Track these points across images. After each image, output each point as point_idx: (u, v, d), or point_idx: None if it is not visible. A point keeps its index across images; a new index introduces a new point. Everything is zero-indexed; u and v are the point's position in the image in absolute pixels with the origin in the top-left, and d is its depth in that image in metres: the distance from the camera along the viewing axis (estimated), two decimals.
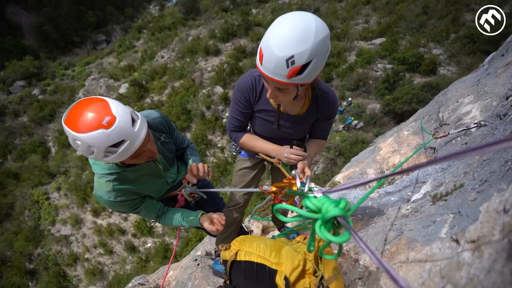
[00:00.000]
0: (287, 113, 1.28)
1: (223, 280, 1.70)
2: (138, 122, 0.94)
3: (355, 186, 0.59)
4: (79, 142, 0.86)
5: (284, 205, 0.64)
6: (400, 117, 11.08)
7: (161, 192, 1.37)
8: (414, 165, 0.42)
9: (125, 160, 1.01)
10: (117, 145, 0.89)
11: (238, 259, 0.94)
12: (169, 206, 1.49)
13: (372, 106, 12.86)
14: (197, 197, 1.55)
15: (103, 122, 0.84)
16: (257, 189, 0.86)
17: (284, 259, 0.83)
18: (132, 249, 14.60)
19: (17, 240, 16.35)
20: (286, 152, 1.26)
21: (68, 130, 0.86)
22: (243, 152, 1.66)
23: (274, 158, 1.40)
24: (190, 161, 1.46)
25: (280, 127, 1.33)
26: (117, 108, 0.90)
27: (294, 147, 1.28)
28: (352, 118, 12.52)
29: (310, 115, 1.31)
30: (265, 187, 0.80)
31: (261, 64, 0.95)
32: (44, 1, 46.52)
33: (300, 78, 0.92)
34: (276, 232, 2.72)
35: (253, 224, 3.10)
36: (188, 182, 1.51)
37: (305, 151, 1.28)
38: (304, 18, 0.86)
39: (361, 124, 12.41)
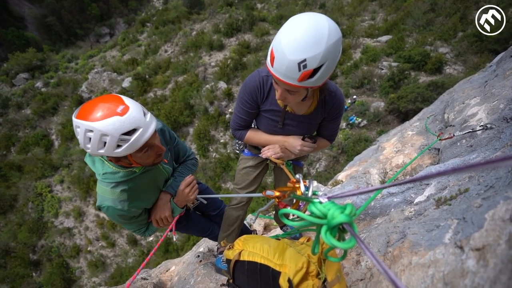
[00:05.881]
0: (294, 113, 1.29)
1: (225, 277, 1.72)
2: (149, 114, 0.99)
3: (361, 193, 0.59)
4: (91, 134, 0.86)
5: (289, 210, 0.64)
6: (404, 116, 11.00)
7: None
8: (425, 175, 0.42)
9: (135, 157, 1.00)
10: (130, 133, 0.90)
11: (241, 259, 0.95)
12: None
13: (376, 104, 12.76)
14: (196, 203, 1.56)
15: (118, 110, 0.87)
16: (260, 194, 0.86)
17: (288, 260, 0.84)
18: (134, 242, 14.79)
19: (21, 231, 16.63)
20: (300, 145, 1.30)
21: (80, 122, 0.86)
22: (246, 151, 1.66)
23: (278, 159, 1.41)
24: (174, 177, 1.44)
25: (286, 127, 1.34)
26: (129, 100, 0.94)
27: (306, 139, 1.34)
28: (357, 118, 12.44)
29: (317, 115, 1.32)
30: (268, 192, 0.80)
31: (272, 66, 0.94)
32: None
33: (311, 81, 0.92)
34: (278, 230, 2.74)
35: (255, 222, 3.12)
36: None
37: (314, 142, 1.34)
38: (317, 21, 0.85)
39: (365, 122, 12.34)
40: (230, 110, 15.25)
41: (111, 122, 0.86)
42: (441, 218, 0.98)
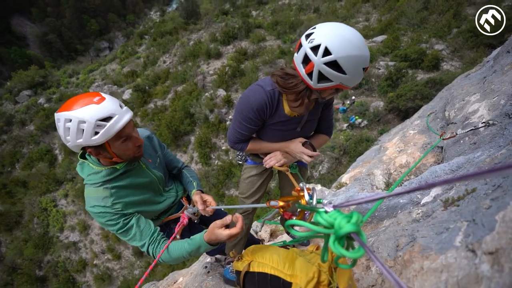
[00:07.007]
0: (299, 116, 1.30)
1: None
2: (125, 107, 1.05)
3: (367, 202, 0.59)
4: (70, 124, 0.92)
5: (295, 221, 0.64)
6: (404, 114, 10.98)
7: (157, 208, 1.31)
8: (443, 180, 0.39)
9: (114, 146, 1.03)
10: (106, 120, 0.96)
11: (251, 270, 0.94)
12: (171, 229, 1.43)
13: (375, 104, 12.76)
14: (200, 214, 1.51)
15: (94, 99, 0.96)
16: (264, 205, 0.86)
17: (299, 271, 0.83)
18: (140, 253, 14.68)
19: (27, 247, 16.59)
20: (300, 152, 1.29)
21: (60, 114, 0.93)
22: (249, 160, 1.66)
23: (282, 166, 1.41)
24: (195, 185, 1.43)
25: (302, 130, 1.36)
26: (107, 95, 1.02)
27: (307, 146, 1.32)
28: (356, 117, 12.44)
29: (318, 108, 1.35)
30: (272, 203, 0.80)
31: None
32: (47, 11, 47.46)
33: None
34: (285, 236, 2.72)
35: (262, 228, 3.10)
36: (189, 203, 1.48)
37: (314, 150, 1.33)
38: (341, 24, 0.97)
39: (365, 122, 12.32)
40: (230, 116, 15.30)
41: (88, 109, 0.93)
42: (450, 220, 0.97)
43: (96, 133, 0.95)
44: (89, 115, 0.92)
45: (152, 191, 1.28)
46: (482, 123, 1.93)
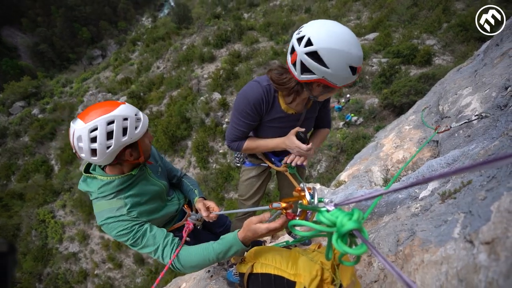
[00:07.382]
0: (296, 113, 1.31)
1: None
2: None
3: (367, 199, 0.61)
4: (112, 125, 0.93)
5: (299, 221, 0.65)
6: (399, 110, 11.09)
7: (164, 214, 1.30)
8: (439, 174, 0.40)
9: (143, 143, 1.08)
10: (137, 114, 1.03)
11: (254, 271, 0.94)
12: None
13: (370, 101, 12.87)
14: (203, 220, 1.52)
15: (119, 101, 1.01)
16: (266, 207, 0.87)
17: (302, 270, 0.84)
18: (141, 261, 14.55)
19: (26, 261, 16.35)
20: (295, 147, 1.28)
21: (98, 120, 0.91)
22: (247, 162, 1.67)
23: (280, 166, 1.42)
24: (196, 192, 1.44)
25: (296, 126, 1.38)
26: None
27: (299, 137, 1.32)
28: (352, 115, 12.53)
29: (316, 106, 1.38)
30: (275, 205, 0.80)
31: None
32: (38, 21, 47.15)
33: None
34: (286, 237, 2.73)
35: None
36: (192, 210, 1.49)
37: (308, 143, 1.32)
38: (332, 22, 0.98)
39: (361, 119, 12.41)
40: (226, 120, 15.31)
41: (124, 108, 0.98)
42: (448, 213, 0.99)
43: (136, 127, 1.00)
44: (128, 112, 0.98)
45: (159, 200, 1.28)
46: (475, 116, 1.96)
